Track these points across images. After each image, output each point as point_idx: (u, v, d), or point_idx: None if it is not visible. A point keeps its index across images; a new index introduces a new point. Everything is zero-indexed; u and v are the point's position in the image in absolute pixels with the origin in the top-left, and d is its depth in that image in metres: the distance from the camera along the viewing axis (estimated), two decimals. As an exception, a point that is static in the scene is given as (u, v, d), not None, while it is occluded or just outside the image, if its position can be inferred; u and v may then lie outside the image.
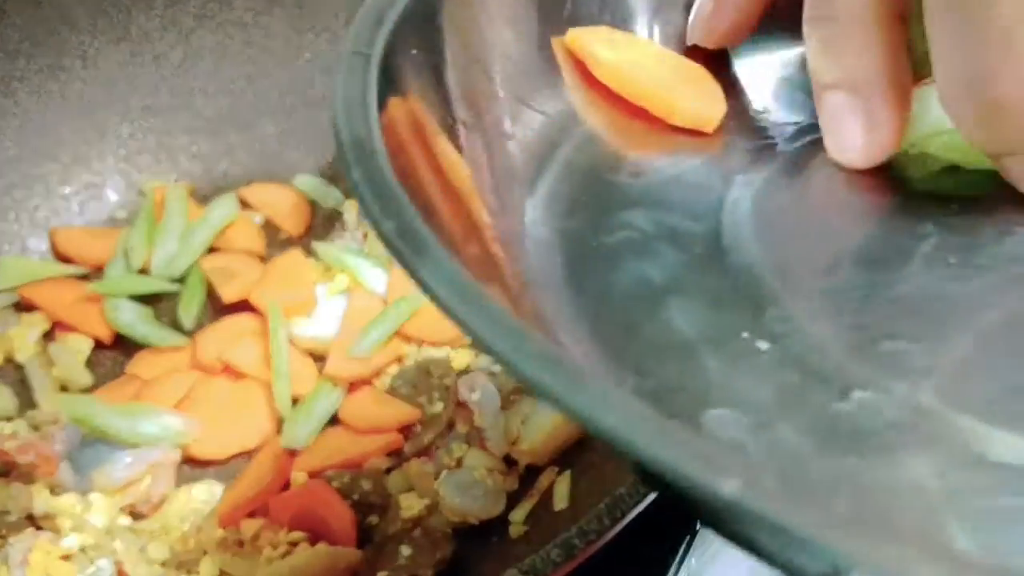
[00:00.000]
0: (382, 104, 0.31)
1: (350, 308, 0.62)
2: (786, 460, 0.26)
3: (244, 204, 0.70)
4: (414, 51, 0.34)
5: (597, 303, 0.31)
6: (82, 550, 0.53)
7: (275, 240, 0.69)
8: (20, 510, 0.54)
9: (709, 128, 0.39)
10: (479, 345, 0.23)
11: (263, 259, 0.67)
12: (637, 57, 0.40)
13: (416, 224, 0.26)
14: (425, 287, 0.25)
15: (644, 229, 0.34)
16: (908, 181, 0.37)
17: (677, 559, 0.53)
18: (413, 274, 0.25)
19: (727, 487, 0.19)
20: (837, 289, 0.32)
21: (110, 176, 0.70)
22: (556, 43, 0.40)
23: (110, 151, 0.70)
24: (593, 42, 0.40)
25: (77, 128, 0.69)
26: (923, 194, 0.36)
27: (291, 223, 0.69)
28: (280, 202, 0.70)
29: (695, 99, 0.39)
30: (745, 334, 0.30)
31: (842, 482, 0.25)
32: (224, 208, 0.67)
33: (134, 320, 0.62)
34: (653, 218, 0.35)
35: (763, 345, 0.29)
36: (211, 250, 0.67)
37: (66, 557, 0.52)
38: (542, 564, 0.42)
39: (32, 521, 0.54)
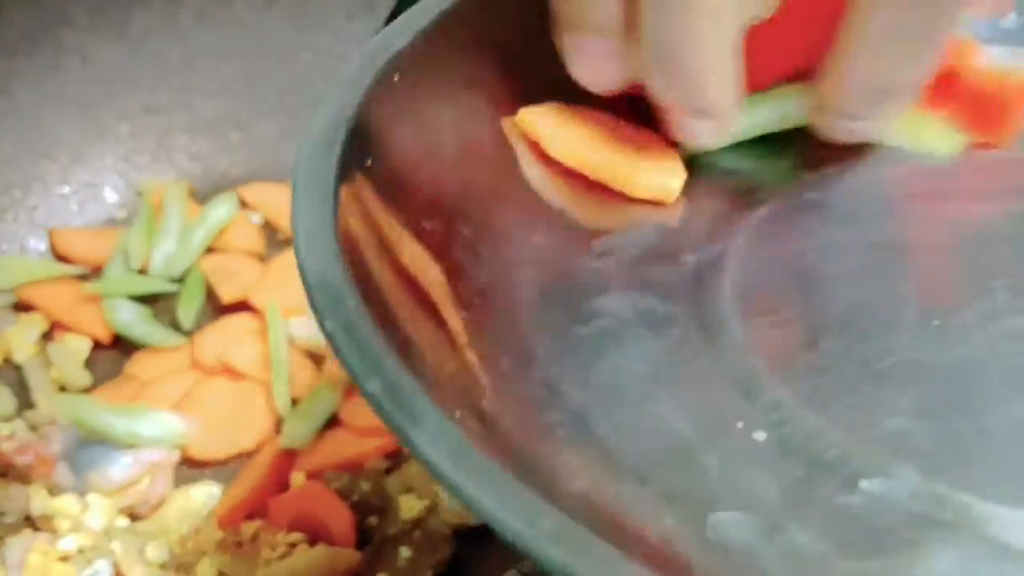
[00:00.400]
0: (345, 233, 0.29)
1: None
2: (805, 567, 0.25)
3: (244, 204, 0.70)
4: (370, 161, 0.32)
5: (584, 405, 0.29)
6: (80, 551, 0.52)
7: (275, 240, 0.68)
8: (18, 511, 0.53)
9: (670, 199, 0.37)
10: (480, 515, 0.22)
11: (263, 259, 0.67)
12: (590, 131, 0.38)
13: (403, 381, 0.24)
14: (419, 454, 0.23)
15: (619, 315, 0.33)
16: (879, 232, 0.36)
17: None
18: (405, 439, 0.23)
19: None
20: (826, 366, 0.31)
21: (109, 176, 0.69)
22: (507, 123, 0.39)
23: (109, 150, 0.69)
24: (544, 120, 0.38)
25: (76, 127, 0.68)
26: (895, 248, 0.35)
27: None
28: (280, 202, 0.69)
29: (654, 170, 0.37)
30: (740, 424, 0.29)
31: None
32: (223, 207, 0.67)
33: (133, 320, 0.62)
34: (627, 302, 0.33)
35: (760, 436, 0.28)
36: (210, 250, 0.66)
37: (64, 558, 0.52)
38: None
39: (30, 522, 0.54)
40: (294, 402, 0.58)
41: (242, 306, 0.63)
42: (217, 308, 0.64)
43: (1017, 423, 0.28)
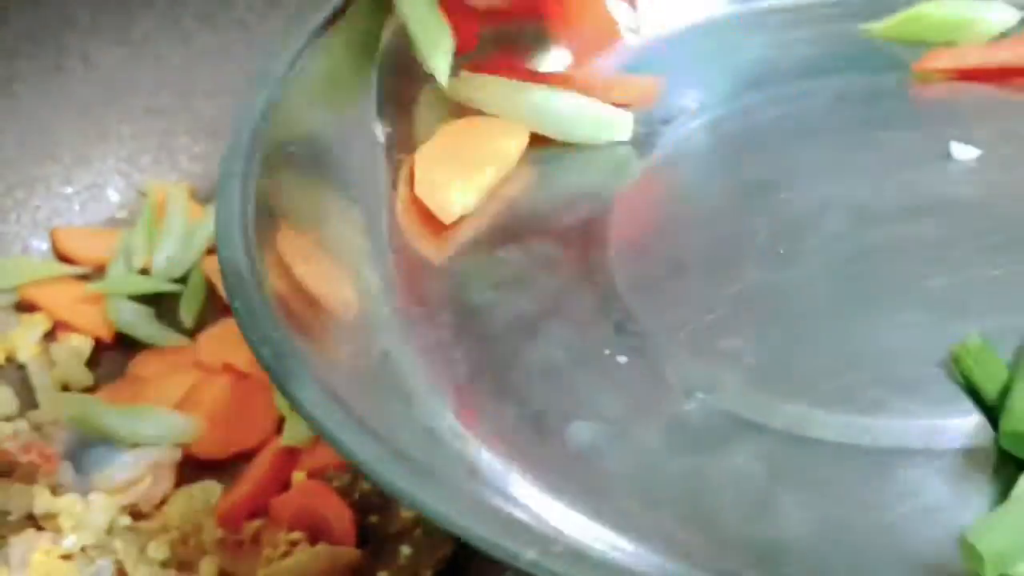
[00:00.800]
0: (263, 223, 0.34)
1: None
2: (639, 466, 0.31)
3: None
4: (292, 149, 0.39)
5: (480, 342, 0.35)
6: (82, 550, 0.53)
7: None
8: (21, 510, 0.54)
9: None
10: (340, 455, 0.28)
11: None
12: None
13: (290, 350, 0.30)
14: (297, 406, 0.29)
15: (517, 262, 0.38)
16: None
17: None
18: (287, 395, 0.29)
19: (527, 555, 0.24)
20: (682, 296, 0.36)
21: (111, 176, 0.70)
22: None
23: (111, 151, 0.70)
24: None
25: (78, 128, 0.69)
26: (757, 185, 0.41)
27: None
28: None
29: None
30: (607, 351, 0.34)
31: (682, 482, 0.30)
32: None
33: (135, 320, 0.62)
34: (525, 250, 0.39)
35: (622, 359, 0.34)
36: (212, 251, 0.67)
37: (66, 557, 0.52)
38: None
39: (33, 521, 0.54)
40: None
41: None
42: (219, 308, 0.64)
43: (838, 339, 0.34)
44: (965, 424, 0.31)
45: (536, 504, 0.29)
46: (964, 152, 0.40)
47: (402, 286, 0.38)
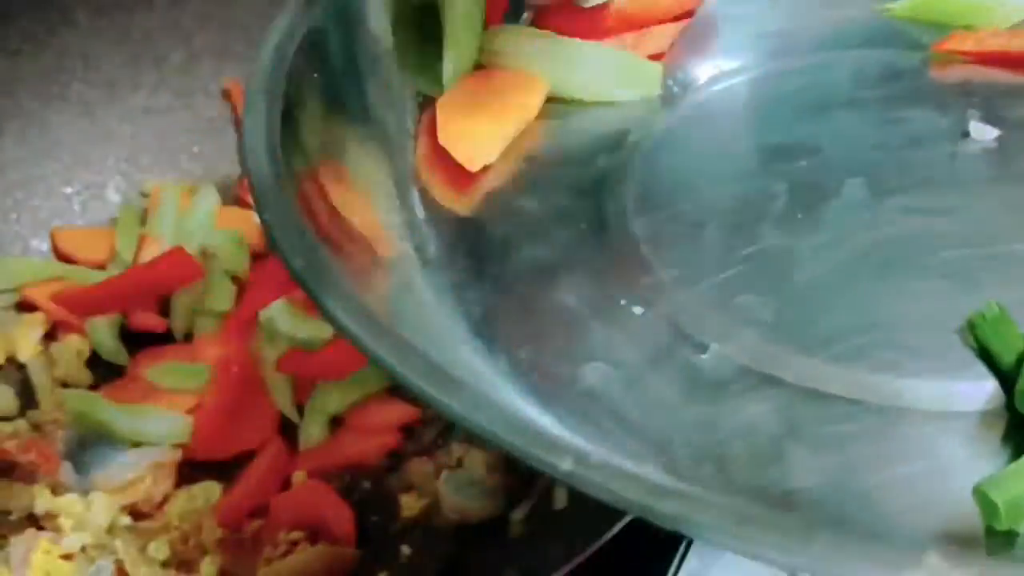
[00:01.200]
0: (288, 144, 0.34)
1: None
2: (652, 411, 0.31)
3: (245, 204, 0.70)
4: (315, 74, 0.38)
5: (497, 287, 0.36)
6: (83, 550, 0.53)
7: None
8: (21, 510, 0.54)
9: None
10: (372, 361, 0.27)
11: (264, 258, 0.67)
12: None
13: (321, 260, 0.30)
14: (330, 317, 0.28)
15: (535, 213, 0.39)
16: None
17: (677, 559, 0.53)
18: (320, 305, 0.29)
19: (564, 465, 0.25)
20: (700, 253, 0.37)
21: (111, 176, 0.70)
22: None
23: (111, 151, 0.70)
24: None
25: (78, 128, 0.69)
26: (777, 151, 0.41)
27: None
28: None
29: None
30: (623, 301, 0.35)
31: (695, 430, 0.30)
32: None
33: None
34: (542, 200, 0.40)
35: (638, 310, 0.34)
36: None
37: (67, 557, 0.52)
38: (542, 564, 0.42)
39: (33, 521, 0.54)
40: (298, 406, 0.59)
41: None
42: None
43: (854, 302, 0.34)
44: (980, 389, 0.31)
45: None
46: (982, 132, 0.41)
47: (421, 226, 0.38)
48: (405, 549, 0.51)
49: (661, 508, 0.24)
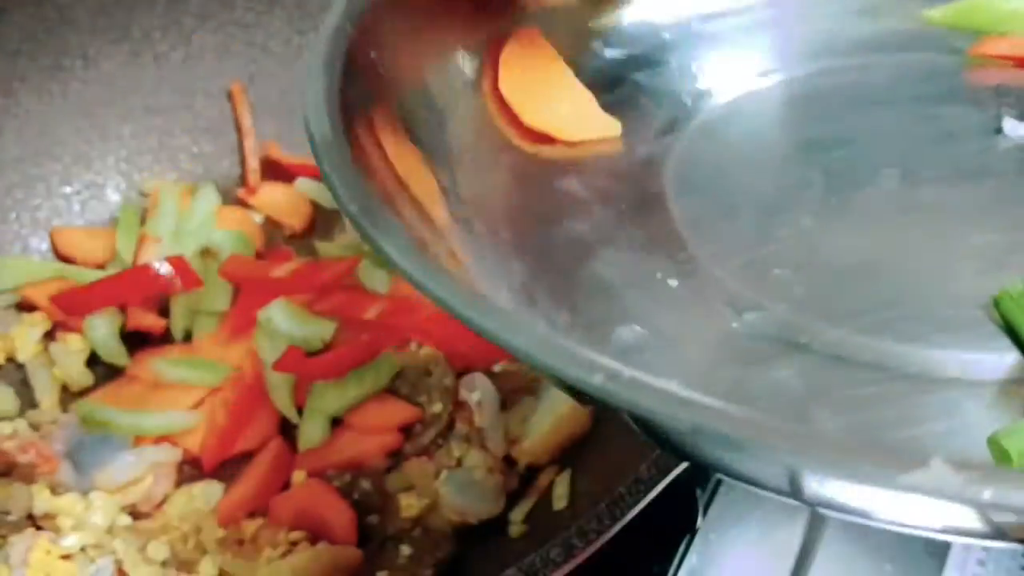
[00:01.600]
0: (347, 105, 0.35)
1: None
2: (681, 371, 0.33)
3: (245, 204, 0.70)
4: (373, 54, 0.39)
5: (538, 258, 0.38)
6: (82, 550, 0.53)
7: (276, 239, 0.69)
8: (21, 510, 0.54)
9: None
10: (432, 299, 0.28)
11: (264, 257, 0.67)
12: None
13: (375, 203, 0.31)
14: (385, 255, 0.30)
15: (577, 193, 0.41)
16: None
17: (677, 558, 0.53)
18: (375, 245, 0.30)
19: (595, 379, 0.25)
20: (736, 232, 0.39)
21: (111, 176, 0.70)
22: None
23: (111, 151, 0.70)
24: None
25: (78, 128, 0.69)
26: (812, 143, 0.43)
27: (292, 222, 0.69)
28: (281, 201, 0.70)
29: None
30: (659, 275, 0.36)
31: (723, 389, 0.32)
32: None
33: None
34: (585, 182, 0.41)
35: (673, 283, 0.36)
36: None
37: (66, 556, 0.52)
38: (542, 564, 0.42)
39: (32, 521, 0.54)
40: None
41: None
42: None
43: (884, 280, 0.36)
44: (1003, 360, 0.32)
45: None
46: (1016, 128, 0.42)
47: (466, 197, 0.40)
48: (405, 549, 0.51)
49: (684, 416, 0.25)
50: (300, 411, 0.58)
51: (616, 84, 0.46)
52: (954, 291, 0.35)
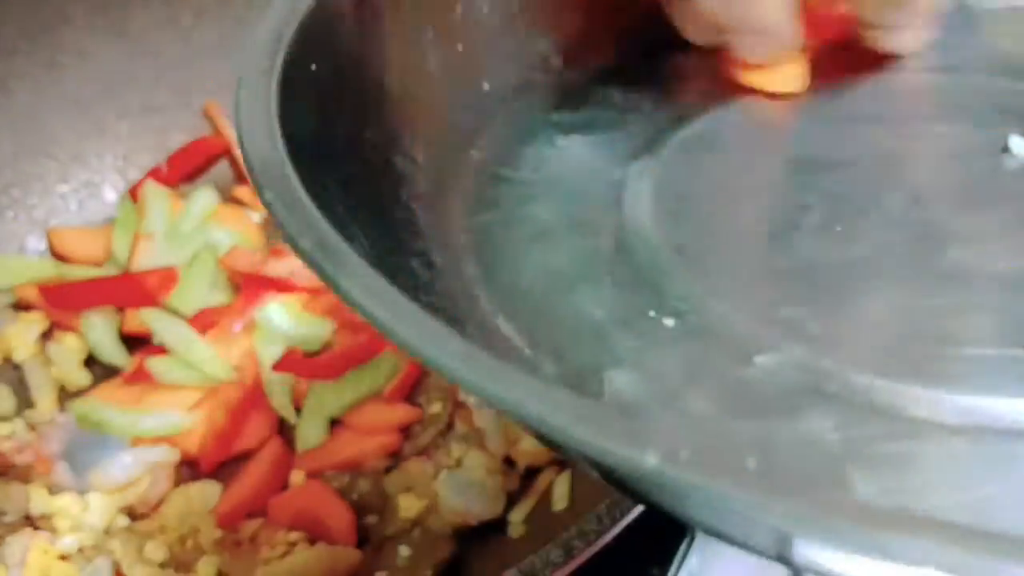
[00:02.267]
0: (287, 121, 0.32)
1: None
2: (695, 426, 0.29)
3: (243, 203, 0.69)
4: (313, 67, 0.35)
5: (510, 294, 0.34)
6: (80, 550, 0.52)
7: (275, 238, 0.68)
8: (17, 510, 0.54)
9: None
10: (403, 348, 0.24)
11: (263, 257, 0.66)
12: None
13: (332, 238, 0.27)
14: (346, 297, 0.26)
15: (548, 221, 0.37)
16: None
17: (677, 559, 0.53)
18: (335, 287, 0.26)
19: (649, 460, 0.21)
20: (733, 264, 0.35)
21: (108, 174, 0.69)
22: None
23: (108, 149, 0.69)
24: None
25: (75, 126, 0.68)
26: (807, 164, 0.40)
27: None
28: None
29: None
30: (652, 313, 0.32)
31: (750, 444, 0.28)
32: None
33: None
34: (556, 209, 0.37)
35: (669, 322, 0.32)
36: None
37: (64, 557, 0.52)
38: (542, 564, 0.42)
39: (30, 521, 0.54)
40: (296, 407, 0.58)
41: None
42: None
43: (895, 312, 0.33)
44: None
45: None
46: (1022, 147, 0.40)
47: (426, 234, 0.36)
48: (404, 550, 0.51)
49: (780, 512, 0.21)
50: (298, 411, 0.58)
51: (583, 101, 0.43)
52: (986, 326, 0.32)
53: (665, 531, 0.53)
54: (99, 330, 0.61)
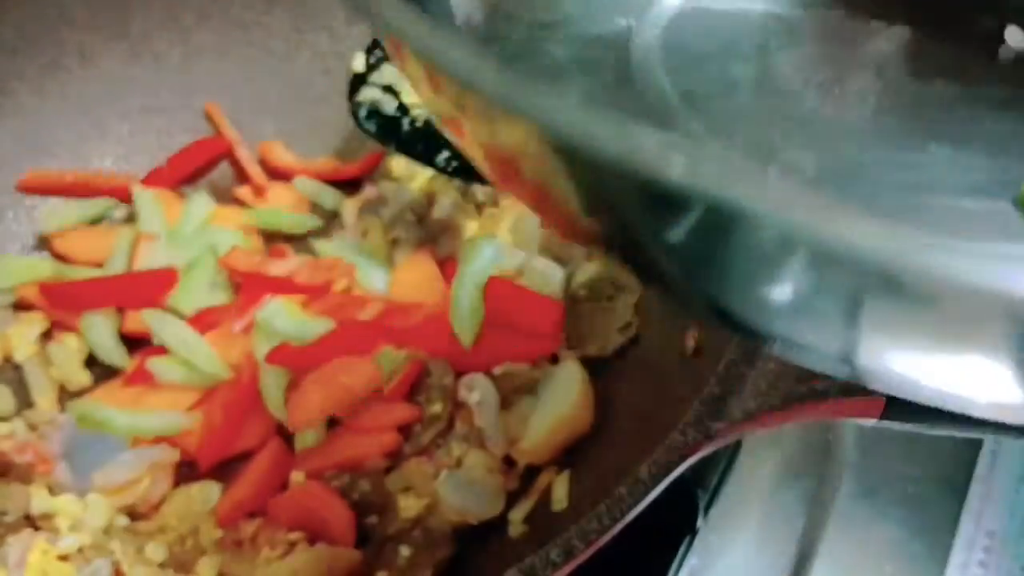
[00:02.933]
0: None
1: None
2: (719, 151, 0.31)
3: (243, 203, 0.69)
4: None
5: None
6: (80, 550, 0.52)
7: (275, 238, 0.68)
8: (18, 510, 0.54)
9: None
10: (445, 73, 0.24)
11: (263, 257, 0.66)
12: None
13: None
14: (399, 34, 0.25)
15: (557, 56, 0.38)
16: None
17: (677, 559, 0.53)
18: (383, 23, 0.25)
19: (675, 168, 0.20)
20: (736, 113, 0.36)
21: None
22: None
23: (109, 150, 0.69)
24: None
25: (76, 127, 0.68)
26: (812, 36, 0.41)
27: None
28: (280, 201, 0.69)
29: None
30: None
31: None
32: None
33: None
34: (566, 47, 0.38)
35: None
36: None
37: (64, 557, 0.52)
38: (542, 564, 0.42)
39: (30, 521, 0.54)
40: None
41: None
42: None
43: (894, 165, 0.34)
44: None
45: None
46: (1018, 37, 0.41)
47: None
48: (404, 550, 0.51)
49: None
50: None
51: None
52: (975, 180, 0.33)
53: (665, 531, 0.53)
54: (99, 330, 0.61)
